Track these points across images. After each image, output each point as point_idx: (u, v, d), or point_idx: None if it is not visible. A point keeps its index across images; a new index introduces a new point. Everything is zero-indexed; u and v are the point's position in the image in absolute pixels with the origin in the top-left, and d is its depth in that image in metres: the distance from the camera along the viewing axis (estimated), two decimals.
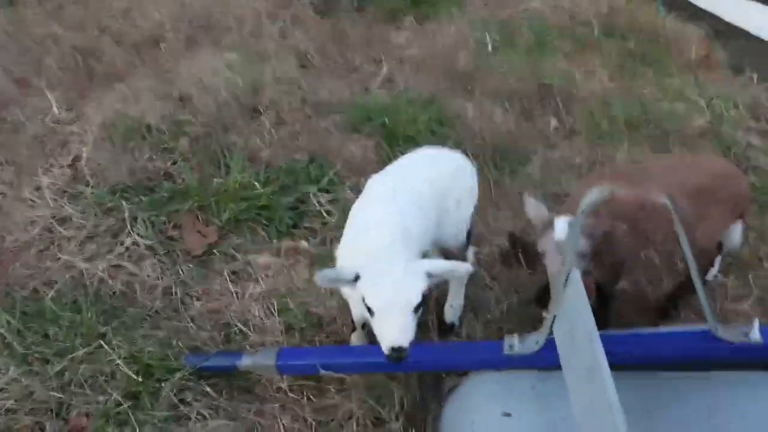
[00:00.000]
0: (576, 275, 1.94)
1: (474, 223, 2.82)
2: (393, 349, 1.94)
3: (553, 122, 4.27)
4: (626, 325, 2.48)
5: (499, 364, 2.25)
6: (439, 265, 2.12)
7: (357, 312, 2.44)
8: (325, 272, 2.03)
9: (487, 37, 5.12)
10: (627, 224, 2.37)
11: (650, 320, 2.96)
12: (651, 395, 2.19)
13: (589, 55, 5.05)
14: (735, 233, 2.73)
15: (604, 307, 2.63)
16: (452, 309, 2.81)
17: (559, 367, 2.02)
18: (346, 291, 2.28)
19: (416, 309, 1.99)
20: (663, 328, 2.37)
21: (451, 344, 2.68)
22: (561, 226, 2.31)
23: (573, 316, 1.93)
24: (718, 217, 2.49)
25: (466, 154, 3.89)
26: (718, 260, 3.02)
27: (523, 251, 2.82)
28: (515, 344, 2.19)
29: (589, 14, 5.57)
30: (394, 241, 2.17)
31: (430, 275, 2.05)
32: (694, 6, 6.35)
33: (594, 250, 2.31)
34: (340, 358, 2.37)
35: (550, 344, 2.10)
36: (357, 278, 2.03)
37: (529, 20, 5.42)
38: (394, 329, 1.96)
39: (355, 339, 2.67)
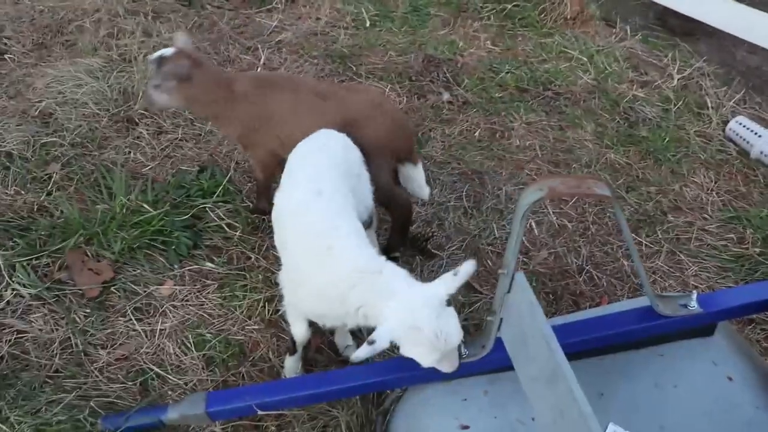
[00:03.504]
0: (521, 277, 1.84)
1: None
2: None
3: (446, 96, 4.17)
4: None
5: (445, 376, 2.14)
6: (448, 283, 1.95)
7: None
8: (360, 354, 1.82)
9: (364, 11, 4.93)
10: None
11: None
12: (599, 378, 2.18)
13: (467, 20, 4.98)
14: (415, 177, 2.91)
15: None
16: None
17: (507, 368, 1.95)
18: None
19: None
20: (606, 309, 2.35)
21: (389, 362, 2.51)
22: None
23: (523, 319, 1.84)
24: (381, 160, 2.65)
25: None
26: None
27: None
28: (461, 351, 2.09)
29: None
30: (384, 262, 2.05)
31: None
32: None
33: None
34: (277, 395, 2.16)
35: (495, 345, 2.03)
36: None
37: None
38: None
39: (291, 365, 2.50)
